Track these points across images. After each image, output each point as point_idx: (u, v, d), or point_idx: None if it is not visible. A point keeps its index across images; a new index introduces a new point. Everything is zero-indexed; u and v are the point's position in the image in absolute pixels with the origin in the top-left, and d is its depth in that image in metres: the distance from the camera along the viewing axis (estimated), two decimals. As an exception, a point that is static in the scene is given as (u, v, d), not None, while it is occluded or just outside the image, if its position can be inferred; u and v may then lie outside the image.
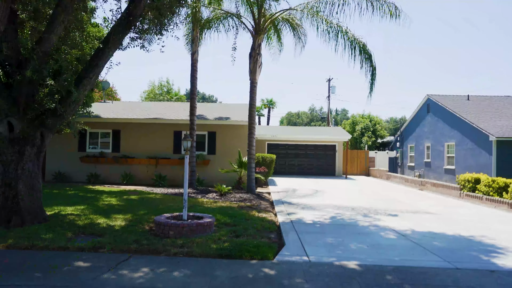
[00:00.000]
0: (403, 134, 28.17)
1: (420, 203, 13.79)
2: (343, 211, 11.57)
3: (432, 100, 23.52)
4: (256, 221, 9.22)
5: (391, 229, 9.05)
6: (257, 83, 14.55)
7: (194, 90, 15.42)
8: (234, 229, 8.18)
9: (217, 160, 17.73)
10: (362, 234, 8.46)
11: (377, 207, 12.55)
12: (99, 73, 8.30)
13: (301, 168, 26.79)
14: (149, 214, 9.24)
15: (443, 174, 21.68)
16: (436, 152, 22.77)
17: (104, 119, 17.77)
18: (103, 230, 7.55)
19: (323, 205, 12.64)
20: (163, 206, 10.55)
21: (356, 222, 9.84)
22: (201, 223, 7.66)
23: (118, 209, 9.84)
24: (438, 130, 22.66)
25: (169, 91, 46.34)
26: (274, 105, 46.33)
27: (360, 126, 34.05)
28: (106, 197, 11.86)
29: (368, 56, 12.40)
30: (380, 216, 10.85)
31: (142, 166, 17.68)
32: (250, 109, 14.56)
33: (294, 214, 10.66)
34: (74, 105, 7.89)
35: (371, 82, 12.27)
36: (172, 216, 8.29)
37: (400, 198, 15.19)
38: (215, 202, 12.01)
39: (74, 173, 17.69)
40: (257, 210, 10.86)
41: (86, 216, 8.67)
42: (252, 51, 14.59)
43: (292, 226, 9.08)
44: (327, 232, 8.63)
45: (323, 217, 10.40)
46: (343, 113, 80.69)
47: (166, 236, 7.42)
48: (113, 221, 8.37)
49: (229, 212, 10.03)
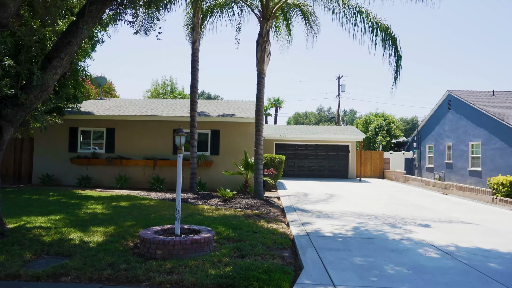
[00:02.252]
0: (420, 133, 26.38)
1: (449, 210, 12.11)
2: (365, 220, 9.96)
3: (453, 96, 21.74)
4: (265, 234, 7.63)
5: (429, 244, 7.42)
6: (265, 74, 12.96)
7: (195, 83, 13.85)
8: (238, 245, 6.59)
9: (221, 161, 16.15)
10: (396, 252, 6.83)
11: (403, 214, 10.93)
12: (73, 53, 6.76)
13: (311, 170, 25.12)
14: (137, 226, 7.68)
15: (467, 176, 19.89)
16: (459, 153, 20.97)
17: (96, 116, 16.28)
18: (73, 249, 5.99)
19: (340, 212, 11.02)
20: (155, 215, 8.99)
21: (384, 235, 8.22)
22: (197, 240, 6.07)
23: (101, 219, 8.29)
24: (461, 129, 20.87)
25: (173, 90, 44.89)
26: (281, 105, 44.68)
27: (373, 125, 32.15)
28: (92, 204, 10.33)
29: (392, 41, 10.76)
30: (410, 226, 9.22)
31: (139, 168, 16.15)
32: (258, 103, 12.97)
33: (309, 224, 9.06)
34: (39, 91, 6.35)
35: (396, 70, 10.61)
36: (162, 230, 6.72)
37: (424, 204, 13.51)
38: (218, 209, 10.43)
39: (64, 175, 16.21)
40: (266, 220, 9.27)
41: (58, 229, 7.11)
42: (259, 39, 13.02)
43: (309, 240, 7.48)
44: (352, 248, 7.01)
45: (344, 228, 8.79)
46: (352, 113, 78.79)
47: (153, 257, 5.85)
48: (90, 235, 6.81)
49: (233, 223, 8.45)
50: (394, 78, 10.53)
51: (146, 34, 15.98)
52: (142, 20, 15.78)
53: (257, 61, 13.08)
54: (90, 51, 15.37)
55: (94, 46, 15.92)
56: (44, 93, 6.58)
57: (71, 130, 16.44)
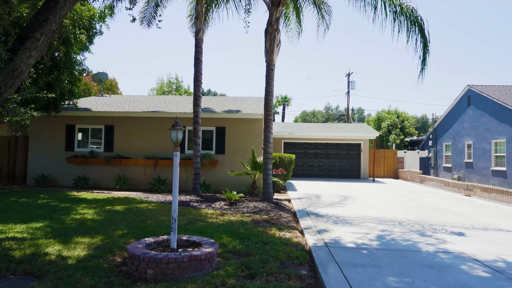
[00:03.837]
0: (436, 131, 25.09)
1: (480, 215, 10.92)
2: (388, 226, 8.84)
3: (474, 91, 20.45)
4: (277, 245, 6.54)
5: (472, 259, 6.27)
6: (274, 65, 11.85)
7: (198, 76, 12.78)
8: (247, 261, 5.51)
9: (227, 160, 15.07)
10: (435, 269, 5.70)
11: (429, 220, 9.78)
12: (52, 33, 5.71)
13: (321, 169, 23.96)
14: (128, 236, 6.62)
15: (490, 176, 18.61)
16: (480, 151, 19.68)
17: (94, 112, 15.29)
18: (47, 267, 4.94)
19: (359, 217, 9.90)
20: (152, 222, 7.92)
21: (415, 246, 7.08)
22: (197, 256, 4.99)
23: (89, 227, 7.24)
24: (483, 126, 19.58)
25: (178, 88, 43.93)
26: (289, 102, 43.50)
27: (386, 122, 30.75)
28: (83, 209, 9.29)
29: (419, 25, 9.59)
30: (442, 234, 8.08)
31: (139, 168, 15.12)
32: (266, 97, 11.86)
33: (326, 233, 7.96)
34: (10, 78, 5.32)
35: (423, 58, 9.43)
36: (156, 242, 5.66)
37: (449, 207, 12.32)
38: (223, 214, 9.36)
39: (60, 176, 15.23)
40: (277, 227, 8.17)
41: (34, 241, 6.07)
42: (268, 27, 11.91)
43: (328, 253, 6.37)
44: (382, 264, 5.89)
45: (366, 237, 7.67)
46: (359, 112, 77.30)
47: (142, 277, 4.79)
48: (71, 249, 5.76)
49: (240, 231, 7.37)
50: (421, 66, 9.35)
51: (149, 25, 15.08)
52: (144, 11, 14.87)
53: (265, 51, 11.98)
54: (87, 43, 14.39)
55: (92, 38, 14.95)
56: (16, 80, 5.55)
57: (67, 127, 15.48)
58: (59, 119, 15.27)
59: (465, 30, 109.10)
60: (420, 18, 9.55)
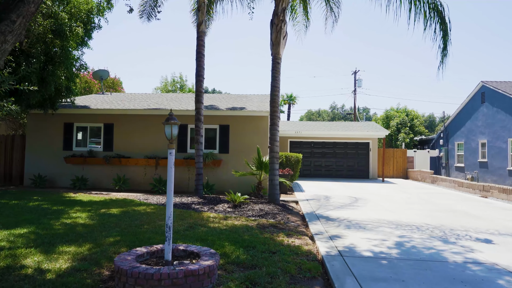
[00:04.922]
0: (448, 129, 24.23)
1: (503, 219, 10.14)
2: (406, 231, 8.10)
3: (488, 87, 19.59)
4: (286, 254, 5.83)
5: (508, 271, 5.53)
6: (281, 58, 11.13)
7: (200, 71, 12.09)
8: (252, 275, 4.81)
9: (231, 160, 14.37)
10: (468, 284, 4.96)
11: (448, 224, 9.04)
12: (30, 15, 5.05)
13: (328, 169, 23.19)
14: (120, 244, 5.94)
15: (507, 177, 17.76)
16: (496, 150, 18.83)
17: (93, 110, 14.66)
18: (20, 283, 4.28)
19: (373, 221, 9.17)
20: (148, 227, 7.24)
21: (439, 255, 6.34)
22: (194, 272, 4.30)
23: (78, 233, 6.56)
24: (498, 123, 18.73)
25: (183, 87, 43.35)
26: (295, 101, 42.73)
27: (395, 121, 29.83)
28: (76, 212, 8.63)
29: (438, 12, 8.83)
30: (467, 241, 7.34)
31: (139, 168, 14.47)
32: (272, 92, 11.14)
33: (339, 239, 7.24)
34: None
35: (444, 47, 8.67)
36: (149, 253, 4.98)
37: (468, 210, 11.55)
38: (226, 218, 8.66)
39: (58, 176, 14.62)
40: (285, 232, 7.46)
41: (13, 250, 5.40)
42: (274, 18, 11.20)
43: (344, 263, 5.66)
44: (406, 277, 5.17)
45: (384, 244, 6.94)
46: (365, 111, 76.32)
47: (130, 296, 4.11)
48: (53, 260, 5.08)
49: (244, 238, 6.67)
50: (441, 56, 8.59)
51: (149, 19, 14.54)
52: (144, 4, 14.31)
53: (271, 44, 11.27)
54: (84, 37, 13.75)
55: (91, 33, 14.33)
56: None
57: (65, 126, 14.87)
58: (56, 117, 14.66)
59: (471, 31, 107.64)
60: (440, 4, 8.79)
